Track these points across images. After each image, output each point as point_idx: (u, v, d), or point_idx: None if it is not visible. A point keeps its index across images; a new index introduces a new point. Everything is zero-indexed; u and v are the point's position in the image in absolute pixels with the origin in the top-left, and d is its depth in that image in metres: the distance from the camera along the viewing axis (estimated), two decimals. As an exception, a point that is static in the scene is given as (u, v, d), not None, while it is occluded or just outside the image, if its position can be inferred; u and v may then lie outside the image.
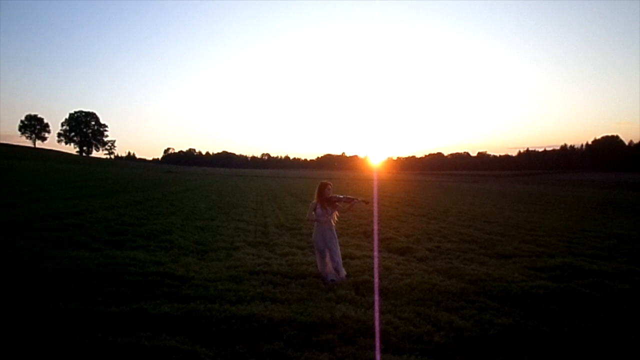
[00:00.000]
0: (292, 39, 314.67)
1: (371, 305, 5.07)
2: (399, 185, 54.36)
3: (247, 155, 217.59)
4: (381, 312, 4.78)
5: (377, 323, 4.35)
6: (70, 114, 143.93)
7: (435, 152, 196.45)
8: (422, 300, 5.35)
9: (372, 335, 4.07)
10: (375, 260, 7.45)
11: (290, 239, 10.80)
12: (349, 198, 6.74)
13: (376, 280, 6.15)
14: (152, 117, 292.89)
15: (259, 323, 4.33)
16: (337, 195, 6.81)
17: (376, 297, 5.38)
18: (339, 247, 6.77)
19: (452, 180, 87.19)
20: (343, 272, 6.58)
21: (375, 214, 15.24)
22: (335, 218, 6.88)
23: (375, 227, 12.67)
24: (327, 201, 6.70)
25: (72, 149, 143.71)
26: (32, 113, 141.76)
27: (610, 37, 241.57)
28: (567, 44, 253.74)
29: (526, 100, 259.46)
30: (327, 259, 6.58)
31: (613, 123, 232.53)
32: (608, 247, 10.14)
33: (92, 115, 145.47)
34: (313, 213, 6.74)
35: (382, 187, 46.12)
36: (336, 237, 6.78)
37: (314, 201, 6.77)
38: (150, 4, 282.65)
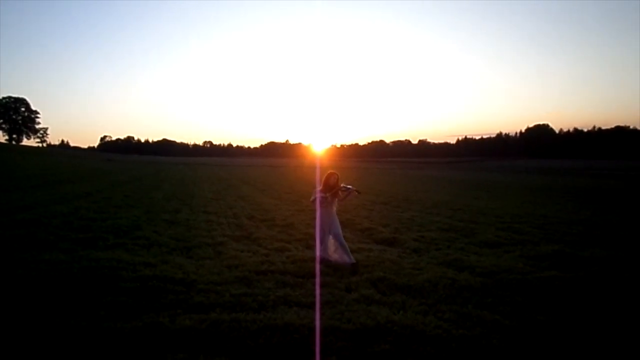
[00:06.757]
0: (233, 25, 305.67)
1: (402, 306, 4.77)
2: (346, 173, 54.50)
3: (189, 143, 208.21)
4: (419, 313, 4.49)
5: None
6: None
7: (378, 139, 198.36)
8: (451, 298, 5.09)
9: (429, 342, 3.74)
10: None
11: (269, 231, 10.32)
12: (348, 188, 7.09)
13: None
14: (87, 103, 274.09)
15: (300, 334, 3.87)
16: (342, 185, 7.08)
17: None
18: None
19: (396, 167, 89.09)
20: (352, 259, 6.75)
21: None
22: (335, 207, 7.17)
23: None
24: (331, 190, 6.96)
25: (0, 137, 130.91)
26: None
27: (541, 31, 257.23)
28: (501, 36, 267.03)
29: (464, 89, 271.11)
30: (337, 244, 6.89)
31: (544, 112, 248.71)
32: (580, 233, 10.45)
33: (22, 101, 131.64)
34: (316, 198, 7.00)
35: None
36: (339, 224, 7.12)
37: (319, 188, 7.01)
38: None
